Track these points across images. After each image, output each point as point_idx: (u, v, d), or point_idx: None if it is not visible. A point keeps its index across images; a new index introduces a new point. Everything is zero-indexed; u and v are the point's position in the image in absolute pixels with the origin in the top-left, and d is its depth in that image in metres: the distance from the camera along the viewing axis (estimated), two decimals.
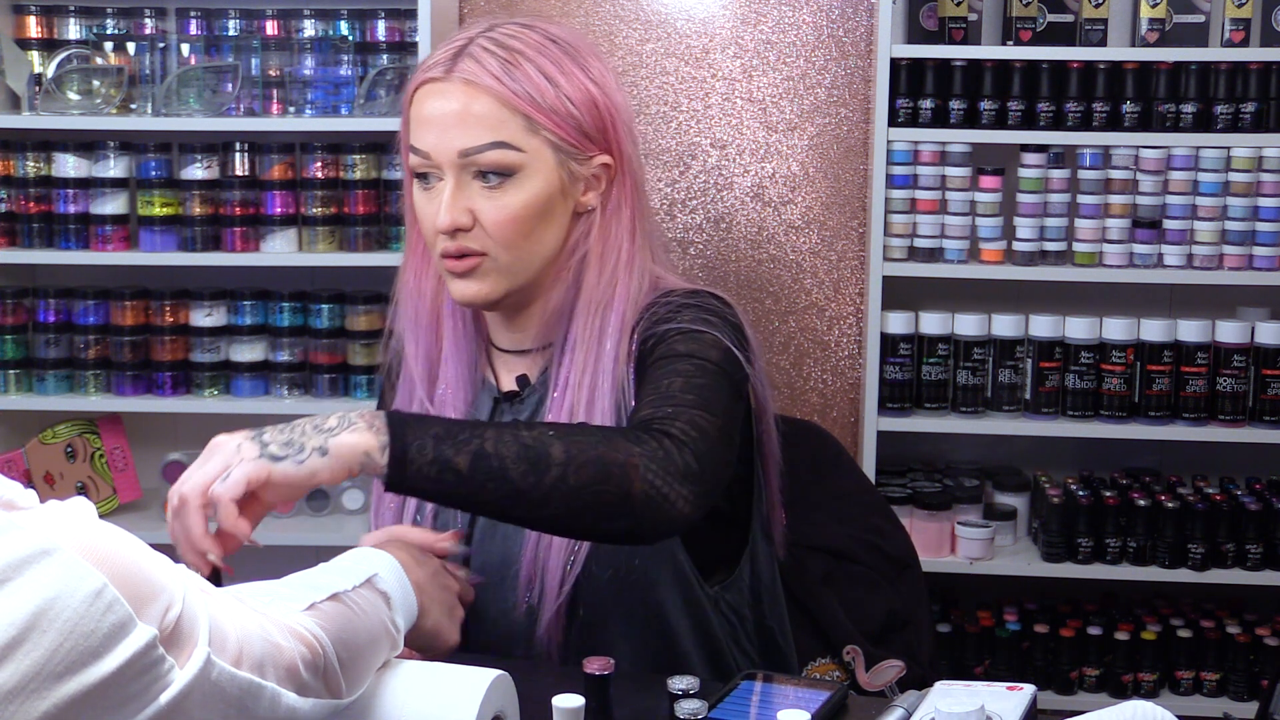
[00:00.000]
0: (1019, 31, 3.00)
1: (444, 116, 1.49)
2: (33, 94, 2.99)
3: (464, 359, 1.63)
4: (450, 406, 1.62)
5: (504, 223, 1.50)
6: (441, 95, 1.50)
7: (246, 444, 1.29)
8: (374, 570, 1.22)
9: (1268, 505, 2.96)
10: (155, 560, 0.93)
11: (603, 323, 1.54)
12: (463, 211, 1.50)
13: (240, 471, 1.27)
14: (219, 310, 3.05)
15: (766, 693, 1.35)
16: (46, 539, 0.85)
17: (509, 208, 1.50)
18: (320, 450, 1.29)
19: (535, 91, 1.49)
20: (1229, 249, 2.96)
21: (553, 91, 1.50)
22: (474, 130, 1.49)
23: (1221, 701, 2.99)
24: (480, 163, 1.49)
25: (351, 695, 1.12)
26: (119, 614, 0.86)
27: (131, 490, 3.13)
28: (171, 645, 0.90)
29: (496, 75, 1.48)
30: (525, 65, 1.50)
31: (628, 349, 1.54)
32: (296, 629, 1.06)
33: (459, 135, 1.49)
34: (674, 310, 1.54)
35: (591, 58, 1.56)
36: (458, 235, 1.51)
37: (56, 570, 0.84)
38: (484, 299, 1.54)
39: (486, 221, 1.50)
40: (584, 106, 1.52)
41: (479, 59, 1.49)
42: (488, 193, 1.50)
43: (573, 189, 1.55)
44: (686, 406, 1.41)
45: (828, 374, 3.32)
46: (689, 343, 1.49)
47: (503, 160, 1.49)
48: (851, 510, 1.82)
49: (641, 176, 1.62)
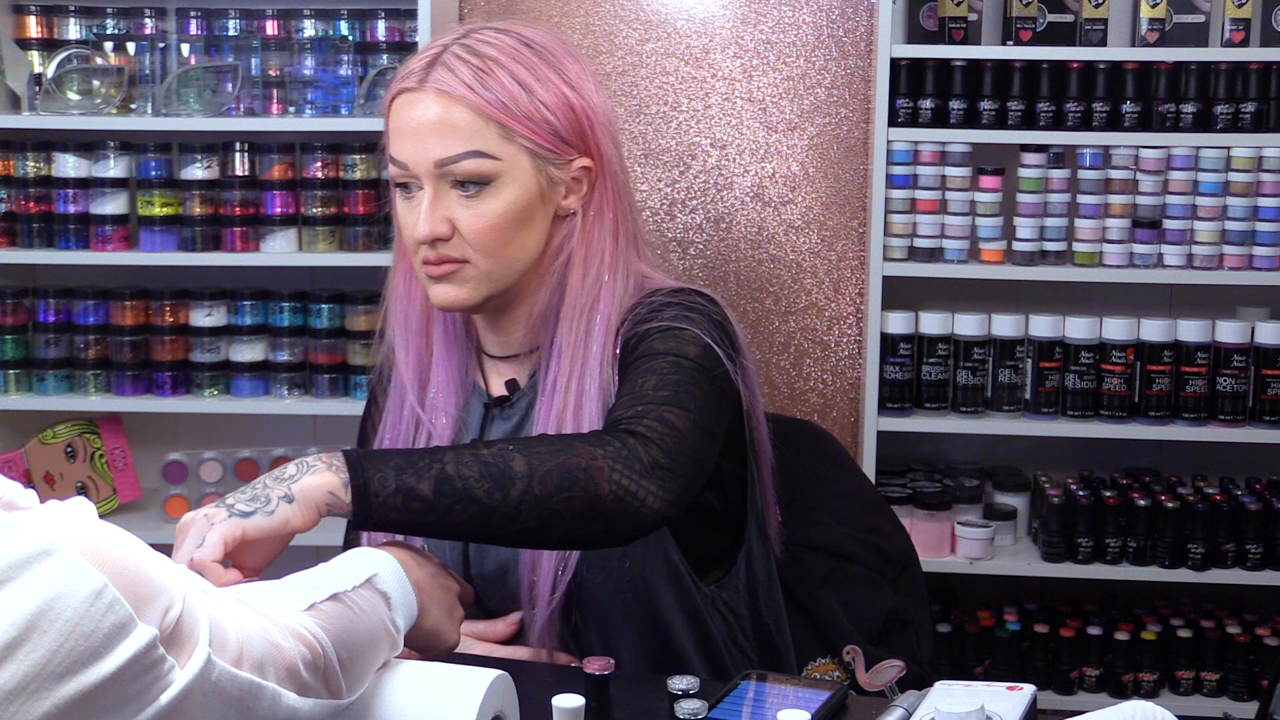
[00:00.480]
0: (1019, 31, 3.00)
1: (419, 127, 1.50)
2: (33, 94, 2.99)
3: (454, 364, 1.63)
4: (441, 411, 1.62)
5: (483, 230, 1.50)
6: (416, 105, 1.50)
7: (212, 510, 1.28)
8: (374, 570, 1.22)
9: (1268, 505, 2.96)
10: (155, 560, 0.93)
11: (589, 326, 1.54)
12: (441, 221, 1.50)
13: (215, 534, 1.25)
14: (219, 310, 3.05)
15: (766, 693, 1.35)
16: (47, 539, 0.85)
17: (487, 216, 1.50)
18: (286, 498, 1.28)
19: (509, 99, 1.49)
20: (1229, 249, 2.96)
21: (526, 98, 1.50)
22: (449, 140, 1.49)
23: (1221, 701, 2.99)
24: (456, 172, 1.49)
25: (352, 695, 1.12)
26: (119, 614, 0.86)
27: (131, 490, 3.13)
28: (172, 645, 0.90)
29: (469, 84, 1.48)
30: (498, 72, 1.49)
31: (612, 351, 1.54)
32: (297, 629, 1.06)
33: (435, 145, 1.49)
34: (655, 310, 1.54)
35: (568, 60, 1.55)
36: (437, 244, 1.51)
37: (57, 570, 0.84)
38: (463, 304, 1.54)
39: (466, 230, 1.51)
40: (559, 111, 1.52)
41: (452, 68, 1.49)
42: (466, 201, 1.50)
43: (552, 194, 1.54)
44: (656, 404, 1.41)
45: (828, 374, 3.32)
46: (667, 340, 1.50)
47: (479, 169, 1.49)
48: (851, 510, 1.82)
49: (624, 177, 1.61)
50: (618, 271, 1.56)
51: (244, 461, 3.13)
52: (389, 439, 1.64)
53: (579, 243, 1.55)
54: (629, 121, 3.28)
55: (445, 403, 1.62)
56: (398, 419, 1.64)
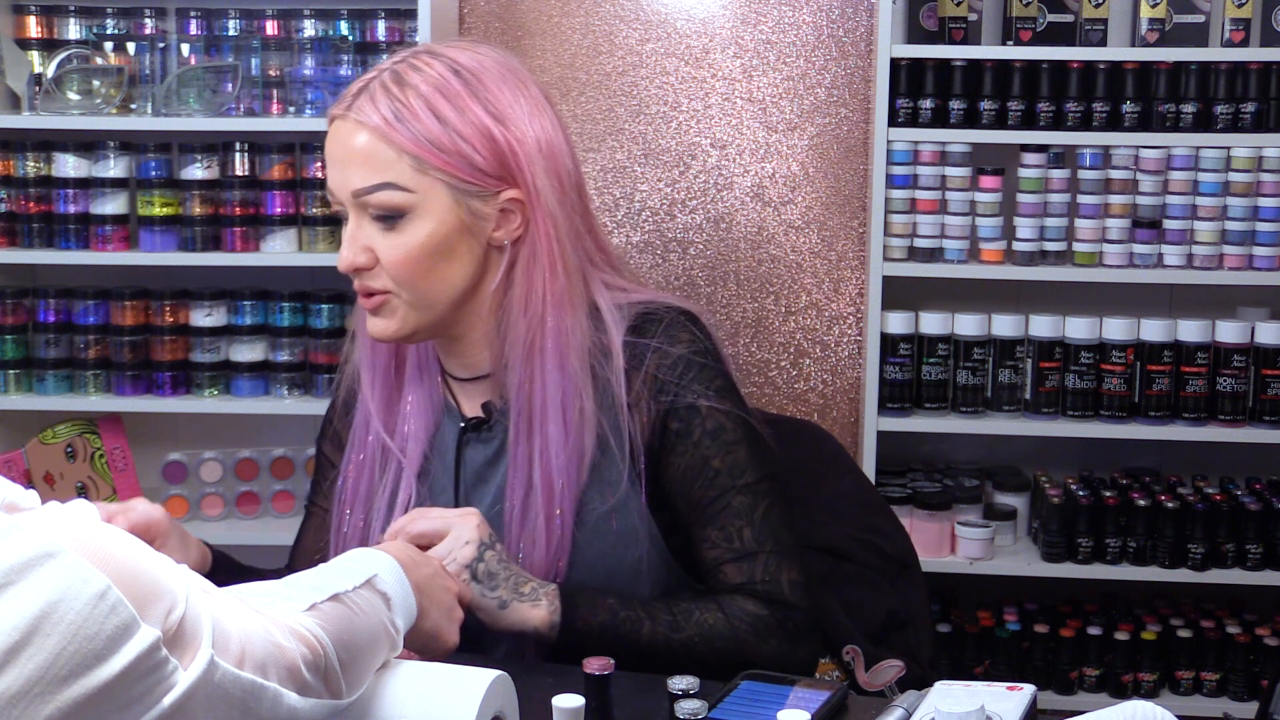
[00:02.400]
0: (1019, 31, 3.00)
1: (342, 155, 1.50)
2: (33, 94, 2.99)
3: (425, 388, 1.62)
4: (413, 438, 1.61)
5: (400, 262, 1.50)
6: (339, 134, 1.51)
7: (469, 548, 1.46)
8: (374, 571, 1.22)
9: (1268, 505, 2.96)
10: (157, 561, 0.93)
11: (542, 363, 1.52)
12: (361, 251, 1.51)
13: (453, 565, 1.45)
14: (219, 310, 3.05)
15: (766, 693, 1.35)
16: (49, 541, 0.85)
17: (402, 247, 1.50)
18: (500, 603, 1.46)
19: (422, 131, 1.47)
20: (1229, 249, 2.96)
21: (439, 129, 1.47)
22: (364, 171, 1.49)
23: (1221, 701, 2.99)
24: (371, 204, 1.49)
25: (351, 696, 1.12)
26: (123, 616, 0.86)
27: (131, 490, 3.13)
28: (175, 646, 0.90)
29: (385, 116, 1.47)
30: (415, 104, 1.47)
31: (621, 395, 1.53)
32: (298, 629, 1.06)
33: (353, 175, 1.49)
34: (677, 373, 1.55)
35: (500, 88, 1.51)
36: (361, 274, 1.52)
37: (59, 573, 0.84)
38: (393, 335, 1.54)
39: (384, 261, 1.51)
40: (478, 142, 1.49)
41: (374, 98, 1.49)
42: (384, 232, 1.50)
43: (478, 226, 1.51)
44: (770, 561, 1.54)
45: (828, 374, 3.32)
46: (724, 454, 1.54)
47: (390, 201, 1.48)
48: (851, 510, 1.82)
49: (567, 206, 1.55)
50: (565, 307, 1.53)
51: (244, 461, 3.13)
52: (352, 470, 1.63)
53: (519, 275, 1.53)
54: (629, 121, 3.28)
55: (416, 429, 1.61)
56: (362, 446, 1.63)
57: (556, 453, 1.52)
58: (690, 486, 1.55)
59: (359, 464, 1.63)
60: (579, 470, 1.53)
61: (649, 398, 1.55)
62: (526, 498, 1.54)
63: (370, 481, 1.62)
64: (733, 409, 1.56)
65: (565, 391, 1.53)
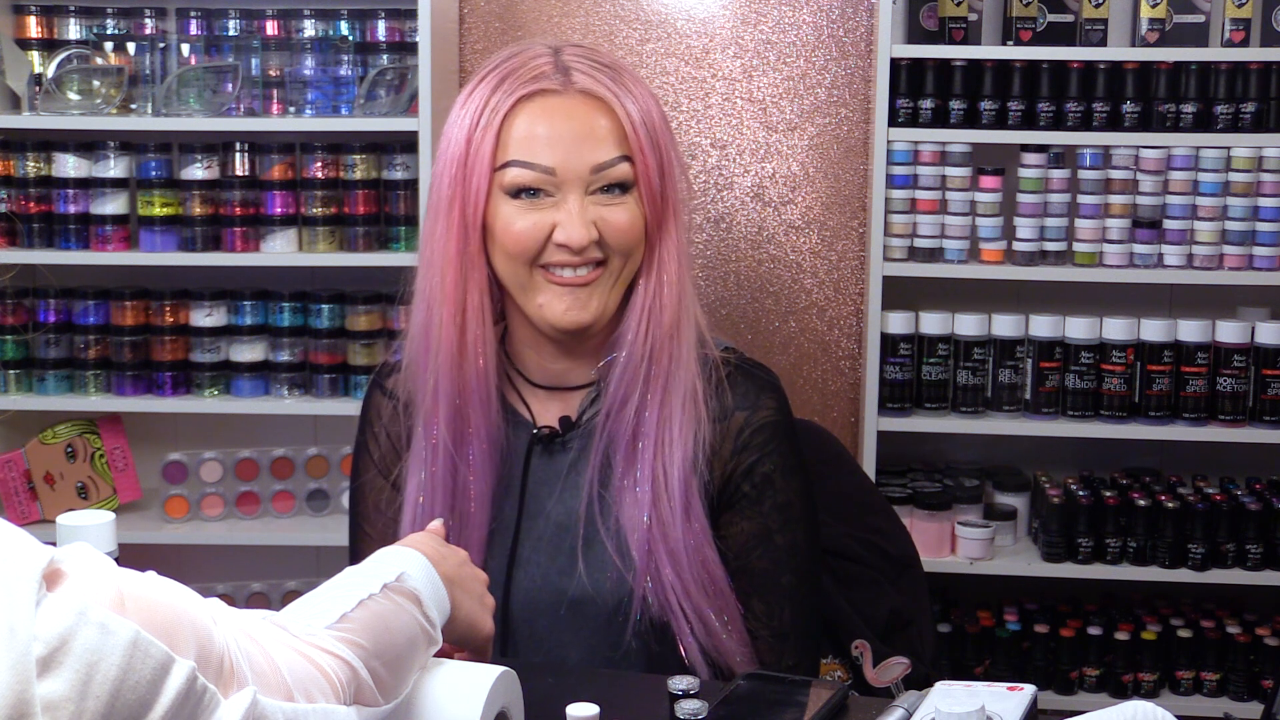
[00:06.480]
0: (1019, 31, 3.00)
1: (571, 131, 1.48)
2: (33, 94, 2.99)
3: (491, 394, 1.56)
4: (476, 449, 1.57)
5: (627, 229, 1.50)
6: (563, 110, 1.49)
7: None
8: (402, 569, 1.21)
9: (1268, 505, 2.96)
10: (181, 595, 0.94)
11: (675, 349, 1.53)
12: (591, 225, 1.49)
13: None
14: (219, 310, 3.05)
15: (767, 693, 1.35)
16: (78, 602, 0.85)
17: (627, 216, 1.50)
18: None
19: (640, 109, 1.51)
20: (1229, 249, 2.96)
21: (642, 106, 1.51)
22: (605, 144, 1.49)
23: (1222, 701, 2.99)
24: (610, 177, 1.49)
25: (395, 699, 1.12)
26: (157, 656, 0.87)
27: (131, 490, 3.13)
28: (208, 673, 0.91)
29: (612, 90, 1.50)
30: (626, 79, 1.52)
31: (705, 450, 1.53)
32: (329, 647, 1.06)
33: (590, 150, 1.48)
34: (762, 439, 1.56)
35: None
36: (585, 250, 1.49)
37: (89, 632, 0.85)
38: (590, 319, 1.51)
39: (610, 230, 1.49)
40: (657, 115, 1.54)
41: (590, 74, 1.50)
42: (609, 206, 1.50)
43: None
44: (804, 637, 1.58)
45: (828, 374, 3.32)
46: (788, 531, 1.57)
47: (628, 174, 1.50)
48: (852, 510, 1.82)
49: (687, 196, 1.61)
50: (684, 292, 1.55)
51: (244, 461, 3.13)
52: (424, 496, 1.58)
53: (662, 258, 1.54)
54: None
55: (479, 435, 1.56)
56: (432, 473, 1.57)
57: (672, 446, 1.52)
58: (748, 552, 1.57)
59: (433, 476, 1.57)
60: (684, 469, 1.53)
61: (730, 452, 1.56)
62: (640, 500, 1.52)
63: (446, 497, 1.58)
64: (802, 486, 1.58)
65: (687, 389, 1.53)
